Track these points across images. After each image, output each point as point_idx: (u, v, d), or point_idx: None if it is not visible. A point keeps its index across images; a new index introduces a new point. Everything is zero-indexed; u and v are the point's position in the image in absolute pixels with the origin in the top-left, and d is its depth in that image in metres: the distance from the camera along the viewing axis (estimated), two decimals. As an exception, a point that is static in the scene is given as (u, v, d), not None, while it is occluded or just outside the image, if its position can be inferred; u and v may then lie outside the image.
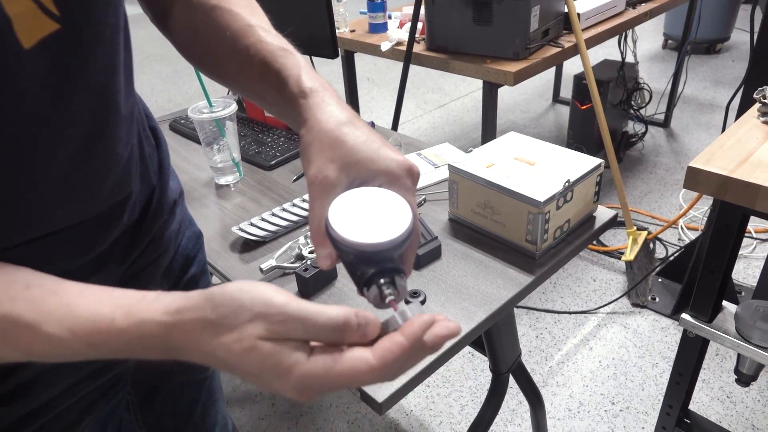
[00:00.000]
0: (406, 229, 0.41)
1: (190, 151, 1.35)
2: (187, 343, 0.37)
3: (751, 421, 1.52)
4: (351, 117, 0.47)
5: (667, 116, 3.09)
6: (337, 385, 0.36)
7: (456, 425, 1.57)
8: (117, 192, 0.55)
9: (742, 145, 0.99)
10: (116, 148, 0.52)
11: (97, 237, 0.54)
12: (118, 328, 0.37)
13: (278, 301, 0.36)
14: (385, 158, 0.44)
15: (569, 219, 0.95)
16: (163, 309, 0.37)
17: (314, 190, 0.43)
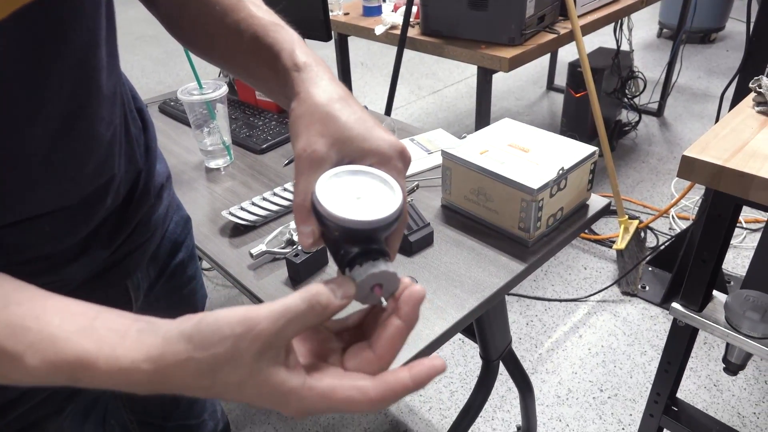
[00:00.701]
0: (396, 209, 0.39)
1: (180, 133, 1.33)
2: (178, 384, 0.36)
3: (737, 409, 1.54)
4: (344, 94, 0.45)
5: (660, 105, 3.09)
6: (334, 411, 0.36)
7: (445, 411, 1.58)
8: (100, 174, 0.53)
9: (737, 135, 0.99)
10: (98, 128, 0.51)
11: (80, 221, 0.53)
12: (102, 370, 0.35)
13: (252, 313, 0.35)
14: (377, 138, 0.43)
15: (562, 207, 0.94)
16: (144, 355, 0.35)
17: (301, 164, 0.41)
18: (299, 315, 0.35)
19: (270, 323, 0.34)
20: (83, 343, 0.36)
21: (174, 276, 0.77)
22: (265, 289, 0.85)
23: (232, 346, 0.34)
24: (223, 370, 0.34)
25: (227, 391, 0.35)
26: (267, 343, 0.34)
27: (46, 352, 0.36)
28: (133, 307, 0.68)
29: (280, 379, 0.35)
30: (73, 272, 0.55)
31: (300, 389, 0.35)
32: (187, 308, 0.84)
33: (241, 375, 0.34)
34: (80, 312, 0.38)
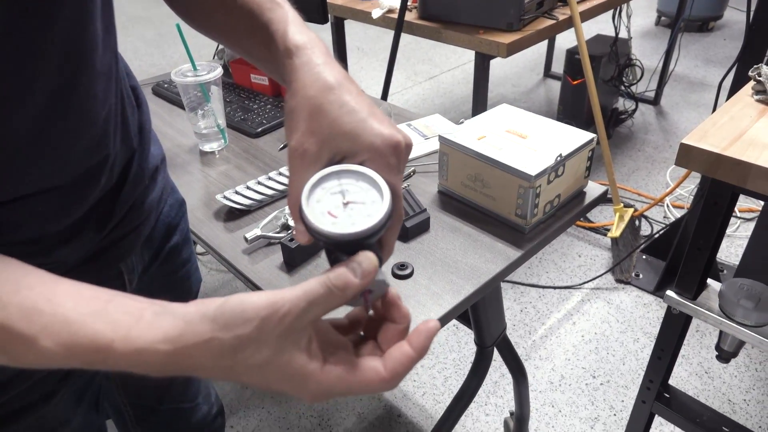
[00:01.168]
0: (381, 218, 0.39)
1: (174, 116, 1.31)
2: (197, 366, 0.36)
3: (727, 396, 1.55)
4: (339, 79, 0.43)
5: (657, 94, 3.08)
6: (350, 393, 0.38)
7: (439, 396, 1.59)
8: (93, 153, 0.52)
9: (735, 123, 0.98)
10: (91, 107, 0.49)
11: (73, 201, 0.52)
12: (118, 352, 0.36)
13: (277, 296, 0.35)
14: (370, 133, 0.41)
15: (559, 194, 0.94)
16: (162, 336, 0.36)
17: (294, 163, 0.41)
18: (320, 297, 0.36)
19: (293, 305, 0.35)
20: (97, 325, 0.36)
21: (168, 259, 0.76)
22: (259, 273, 0.84)
23: (257, 327, 0.35)
24: (246, 351, 0.35)
25: (248, 372, 0.36)
26: (291, 326, 0.35)
27: (60, 334, 0.36)
28: (127, 290, 0.67)
29: (302, 361, 0.36)
30: (65, 254, 0.54)
31: (319, 373, 0.36)
32: (182, 292, 0.83)
33: (264, 356, 0.35)
34: (93, 296, 0.38)
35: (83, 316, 0.36)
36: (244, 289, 1.97)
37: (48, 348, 0.36)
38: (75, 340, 0.36)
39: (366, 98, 0.44)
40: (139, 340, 0.35)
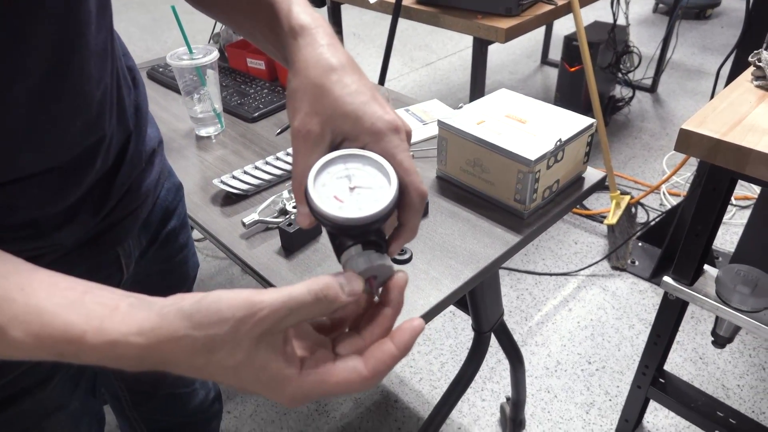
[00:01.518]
0: (388, 203, 0.38)
1: (170, 100, 1.30)
2: (170, 361, 0.35)
3: (721, 381, 1.56)
4: (343, 61, 0.43)
5: (654, 81, 3.07)
6: (330, 395, 0.36)
7: (436, 382, 1.59)
8: (89, 134, 0.51)
9: (735, 109, 0.98)
10: (86, 87, 0.48)
11: (69, 183, 0.51)
12: (90, 344, 0.34)
13: (256, 298, 0.34)
14: (371, 115, 0.41)
15: (558, 179, 0.94)
16: (136, 329, 0.34)
17: (298, 144, 0.41)
18: (304, 306, 0.34)
19: (272, 311, 0.33)
20: (70, 316, 0.35)
21: (166, 244, 0.75)
22: (257, 258, 0.84)
23: (231, 328, 0.33)
24: (219, 352, 0.34)
25: (222, 373, 0.35)
26: (267, 329, 0.34)
27: (31, 324, 0.35)
28: (124, 274, 0.67)
29: (277, 366, 0.35)
30: (62, 238, 0.53)
31: (296, 377, 0.35)
32: (179, 276, 0.82)
33: (237, 359, 0.34)
34: (68, 286, 0.37)
35: (56, 307, 0.35)
36: (242, 275, 1.97)
37: (17, 339, 0.35)
38: (46, 331, 0.35)
39: (368, 82, 0.43)
40: (112, 332, 0.34)
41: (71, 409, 0.64)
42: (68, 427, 0.64)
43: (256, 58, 1.33)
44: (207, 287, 1.94)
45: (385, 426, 1.48)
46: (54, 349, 0.35)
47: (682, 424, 1.46)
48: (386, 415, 1.51)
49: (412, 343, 0.37)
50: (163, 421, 0.98)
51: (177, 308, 0.34)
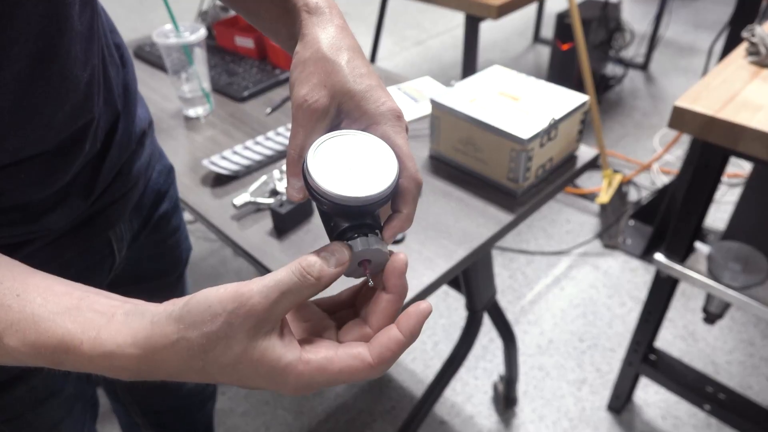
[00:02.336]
0: (388, 185, 0.37)
1: (157, 80, 1.27)
2: (168, 370, 0.34)
3: (711, 358, 1.58)
4: (354, 45, 0.42)
5: (646, 59, 3.06)
6: (334, 383, 0.35)
7: (429, 361, 1.60)
8: (77, 118, 0.50)
9: (729, 86, 0.97)
10: (73, 69, 0.47)
11: (57, 167, 0.50)
12: (87, 355, 0.34)
13: (244, 288, 0.33)
14: (377, 99, 0.40)
15: (552, 157, 0.93)
16: (131, 339, 0.33)
17: (301, 116, 0.39)
18: (292, 287, 0.33)
19: (262, 297, 0.33)
20: (67, 324, 0.34)
21: (158, 227, 0.74)
22: (249, 239, 0.83)
23: (224, 323, 0.32)
24: (215, 350, 0.33)
25: (221, 372, 0.34)
26: (261, 318, 0.33)
27: (26, 332, 0.34)
28: (116, 258, 0.66)
29: (276, 354, 0.33)
30: (51, 222, 0.52)
31: (296, 363, 0.34)
32: (171, 260, 0.82)
33: (235, 353, 0.33)
34: (64, 292, 0.36)
35: (53, 315, 0.34)
36: (233, 257, 1.96)
37: (13, 347, 0.34)
38: (42, 340, 0.34)
39: (372, 68, 0.43)
40: (108, 344, 0.33)
41: (65, 395, 0.64)
42: (62, 412, 0.64)
43: (245, 36, 1.31)
44: (199, 269, 1.93)
45: (379, 405, 1.49)
46: (50, 358, 0.34)
47: (672, 400, 1.48)
48: (380, 394, 1.52)
49: (420, 328, 0.36)
50: (158, 404, 0.98)
51: (167, 314, 0.33)
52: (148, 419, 0.96)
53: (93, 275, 0.63)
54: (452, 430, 1.43)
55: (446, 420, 1.45)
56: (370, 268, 0.38)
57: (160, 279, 0.81)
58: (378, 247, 0.37)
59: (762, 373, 1.54)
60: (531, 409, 1.48)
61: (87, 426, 0.69)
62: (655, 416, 1.45)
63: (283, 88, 1.22)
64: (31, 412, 0.59)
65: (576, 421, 1.44)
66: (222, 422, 1.47)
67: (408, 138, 0.41)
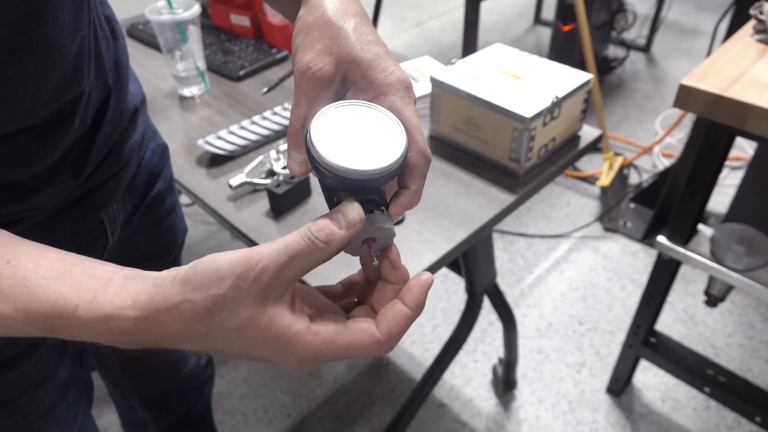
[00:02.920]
0: (396, 159, 0.35)
1: (151, 59, 1.25)
2: (169, 333, 0.33)
3: (710, 341, 1.58)
4: (360, 11, 0.40)
5: (648, 41, 3.02)
6: (341, 357, 0.34)
7: (428, 344, 1.60)
8: (66, 91, 0.47)
9: (736, 64, 0.95)
10: (60, 38, 0.45)
11: (46, 143, 0.48)
12: (82, 318, 0.32)
13: (253, 252, 0.32)
14: (384, 68, 0.38)
15: (554, 137, 0.91)
16: (131, 301, 0.32)
17: (304, 84, 0.37)
18: (300, 251, 0.32)
19: (271, 261, 0.31)
20: (61, 289, 0.33)
21: (152, 208, 0.72)
22: (245, 221, 0.81)
23: (232, 286, 0.31)
24: (221, 314, 0.31)
25: (225, 337, 0.32)
26: (270, 282, 0.32)
27: (18, 298, 0.33)
28: (109, 240, 0.64)
29: (285, 322, 0.32)
30: (40, 201, 0.50)
31: (305, 333, 0.33)
32: (167, 242, 0.80)
33: (242, 318, 0.31)
34: (57, 257, 0.35)
35: (45, 280, 0.33)
36: (231, 239, 1.95)
37: (4, 313, 0.33)
38: (35, 306, 0.33)
39: (381, 39, 0.41)
40: (106, 306, 0.32)
41: (58, 380, 0.62)
42: (55, 397, 0.62)
43: (241, 14, 1.28)
44: (196, 253, 1.91)
45: (378, 388, 1.49)
46: (44, 325, 0.33)
47: (671, 382, 1.47)
48: (379, 377, 1.52)
49: (424, 299, 0.35)
50: (155, 387, 0.97)
51: (171, 277, 0.32)
52: (145, 403, 0.96)
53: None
54: (451, 412, 1.43)
55: (445, 403, 1.45)
56: (374, 247, 0.37)
57: (156, 261, 0.79)
58: (385, 225, 0.36)
59: (762, 356, 1.53)
60: (530, 392, 1.47)
61: (82, 411, 0.68)
62: (654, 399, 1.45)
63: (279, 67, 1.20)
64: (23, 398, 0.58)
65: (575, 403, 1.44)
66: (220, 405, 1.46)
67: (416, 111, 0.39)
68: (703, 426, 1.38)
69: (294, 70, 0.38)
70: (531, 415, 1.42)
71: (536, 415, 1.42)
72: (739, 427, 1.37)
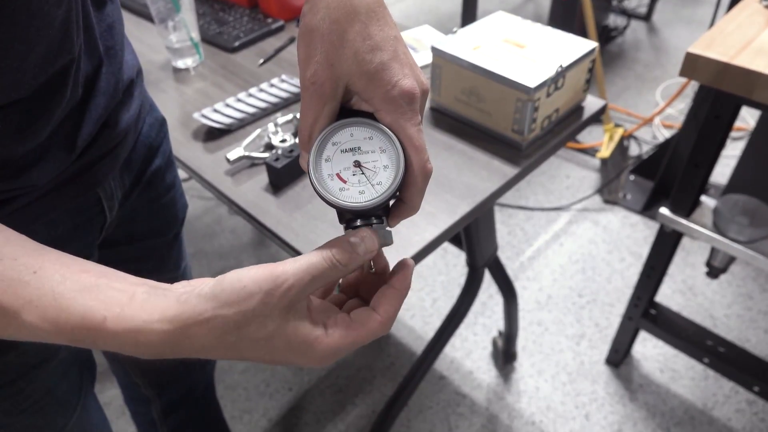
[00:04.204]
0: (390, 189, 0.38)
1: (143, 30, 1.21)
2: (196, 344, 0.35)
3: (709, 312, 1.59)
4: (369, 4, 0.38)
5: (649, 9, 2.97)
6: (353, 348, 0.38)
7: (428, 317, 1.60)
8: (54, 60, 0.45)
9: (743, 31, 0.93)
10: (43, 5, 0.42)
11: (35, 118, 0.46)
12: (110, 330, 0.34)
13: (278, 270, 0.35)
14: (388, 81, 0.37)
15: (558, 108, 0.89)
16: (159, 316, 0.34)
17: (308, 98, 0.38)
18: (322, 272, 0.36)
19: (297, 280, 0.35)
20: (88, 302, 0.34)
21: (151, 184, 0.70)
22: (244, 196, 0.80)
23: (261, 301, 0.34)
24: (251, 325, 0.34)
25: (253, 347, 0.35)
26: (294, 298, 0.35)
27: (47, 309, 0.34)
28: (107, 217, 0.62)
29: (307, 329, 0.36)
30: (33, 178, 0.49)
31: (324, 336, 0.36)
32: (167, 218, 0.78)
33: (269, 330, 0.35)
34: (81, 269, 0.36)
35: (73, 292, 0.34)
36: (229, 215, 1.93)
37: (31, 323, 0.34)
38: (64, 317, 0.34)
39: (393, 31, 0.39)
40: (134, 319, 0.34)
41: (59, 359, 0.61)
42: (56, 377, 0.62)
43: (234, -17, 1.24)
44: (194, 228, 1.90)
45: (379, 362, 1.50)
46: (71, 335, 0.34)
47: (670, 353, 1.48)
48: (379, 351, 1.52)
49: (410, 280, 0.40)
50: (158, 363, 0.97)
51: (197, 293, 0.35)
52: (147, 379, 0.95)
53: (82, 235, 0.60)
54: (452, 385, 1.44)
55: (446, 375, 1.46)
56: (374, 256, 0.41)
57: (156, 238, 0.78)
58: (386, 240, 0.40)
59: (760, 326, 1.54)
60: (530, 364, 1.48)
61: (84, 389, 0.67)
62: (653, 369, 1.46)
63: (275, 38, 1.17)
64: (23, 379, 0.57)
65: (574, 375, 1.45)
66: (221, 380, 1.47)
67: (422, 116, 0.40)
68: (701, 395, 1.40)
69: (299, 79, 0.39)
70: (531, 386, 1.43)
71: (536, 387, 1.43)
72: (736, 396, 1.39)
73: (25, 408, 0.58)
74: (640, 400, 1.40)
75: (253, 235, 1.87)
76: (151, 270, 0.79)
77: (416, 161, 0.38)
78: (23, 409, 0.58)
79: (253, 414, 1.41)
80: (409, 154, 0.38)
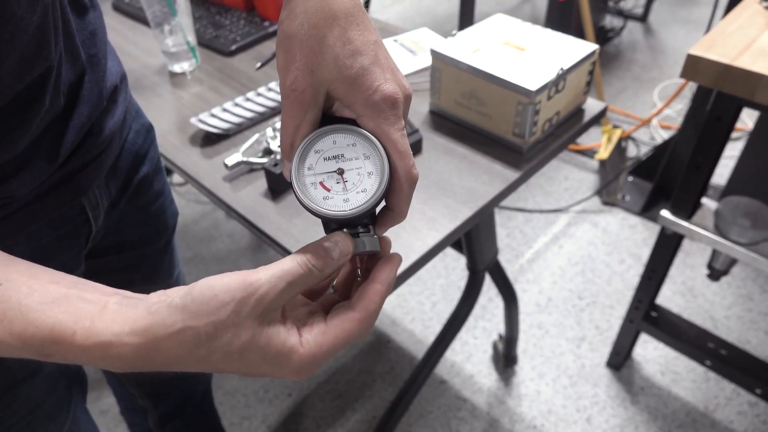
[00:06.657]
0: (374, 197, 0.37)
1: (139, 34, 1.20)
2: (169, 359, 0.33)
3: (709, 313, 1.58)
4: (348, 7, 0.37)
5: (646, 9, 2.97)
6: (335, 352, 0.36)
7: (427, 321, 1.59)
8: (30, 68, 0.43)
9: (744, 32, 0.92)
10: (15, 10, 0.40)
11: (13, 128, 0.44)
12: (80, 345, 0.32)
13: (252, 277, 0.33)
14: (369, 86, 0.36)
15: (559, 111, 0.89)
16: (129, 328, 0.32)
17: (288, 106, 0.37)
18: (298, 278, 0.34)
19: (270, 287, 0.33)
20: (57, 314, 0.33)
21: (139, 192, 0.69)
22: (242, 201, 0.79)
23: (233, 311, 0.32)
24: (223, 338, 0.33)
25: (226, 359, 0.33)
26: (268, 307, 0.33)
27: (13, 322, 0.33)
28: (92, 227, 0.61)
29: (281, 339, 0.34)
30: (13, 189, 0.47)
31: (298, 346, 0.35)
32: (157, 227, 0.77)
33: (243, 340, 0.33)
34: (50, 280, 0.34)
35: (41, 305, 0.33)
36: (226, 219, 1.92)
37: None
38: (31, 331, 0.32)
39: (373, 35, 0.38)
40: (104, 333, 0.32)
41: (46, 373, 0.59)
42: (44, 392, 0.60)
43: (231, -14, 1.23)
44: (191, 233, 1.89)
45: (379, 366, 1.48)
46: (40, 350, 0.33)
47: (671, 355, 1.48)
48: (379, 355, 1.51)
49: (394, 275, 0.38)
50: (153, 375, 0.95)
51: (167, 304, 0.33)
52: (143, 389, 0.94)
53: (67, 245, 0.58)
54: (452, 389, 1.43)
55: (446, 379, 1.45)
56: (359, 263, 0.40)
57: (147, 247, 0.76)
58: (371, 248, 0.38)
59: (760, 327, 1.54)
60: (531, 367, 1.47)
61: (75, 403, 0.65)
62: (654, 372, 1.45)
63: (272, 41, 1.16)
64: (8, 395, 0.55)
65: (575, 377, 1.44)
66: (220, 386, 1.46)
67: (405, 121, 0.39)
68: (703, 398, 1.39)
69: (280, 87, 0.38)
70: (532, 390, 1.43)
71: (537, 390, 1.42)
72: (737, 398, 1.38)
73: (12, 423, 0.56)
74: (641, 403, 1.39)
75: (251, 240, 1.86)
76: (142, 279, 0.77)
77: (401, 167, 0.37)
78: (11, 424, 0.56)
79: (253, 420, 1.39)
80: (394, 160, 0.37)
